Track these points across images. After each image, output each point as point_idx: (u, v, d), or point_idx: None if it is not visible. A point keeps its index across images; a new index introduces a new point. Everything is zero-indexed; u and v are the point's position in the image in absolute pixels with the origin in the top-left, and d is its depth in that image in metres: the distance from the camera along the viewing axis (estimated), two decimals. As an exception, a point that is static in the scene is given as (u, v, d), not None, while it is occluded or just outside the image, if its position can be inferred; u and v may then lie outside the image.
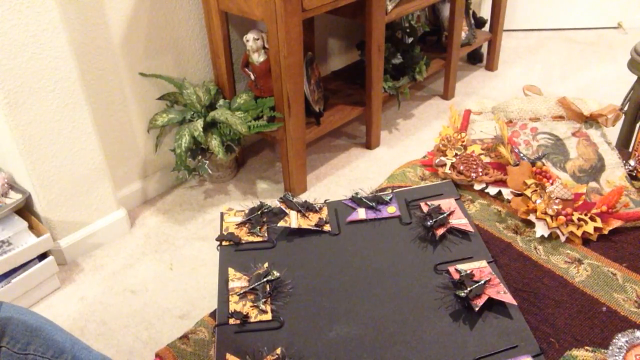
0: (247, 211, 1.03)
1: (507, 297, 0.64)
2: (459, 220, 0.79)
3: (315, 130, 1.82)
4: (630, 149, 1.26)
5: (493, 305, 0.65)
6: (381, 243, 0.84)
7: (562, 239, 0.76)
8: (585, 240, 0.77)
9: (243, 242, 0.96)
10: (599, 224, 0.76)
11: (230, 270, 0.89)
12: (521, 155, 0.88)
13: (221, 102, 1.75)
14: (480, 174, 0.87)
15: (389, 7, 1.87)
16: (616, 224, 0.77)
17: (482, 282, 0.66)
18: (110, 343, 1.32)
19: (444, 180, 0.90)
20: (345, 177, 1.93)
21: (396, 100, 2.14)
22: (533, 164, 0.85)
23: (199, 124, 1.61)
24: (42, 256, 1.46)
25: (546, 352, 0.61)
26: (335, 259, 0.86)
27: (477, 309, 0.64)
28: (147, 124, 1.72)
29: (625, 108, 1.39)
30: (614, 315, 0.65)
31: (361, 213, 0.92)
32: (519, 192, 0.82)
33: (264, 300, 0.83)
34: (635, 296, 0.67)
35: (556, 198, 0.79)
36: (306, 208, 0.99)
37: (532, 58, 2.83)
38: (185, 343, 0.82)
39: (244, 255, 0.93)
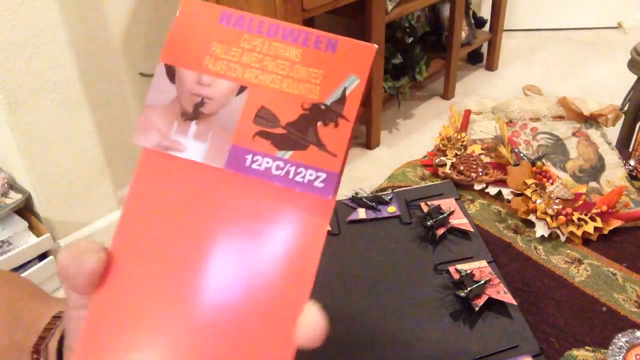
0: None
1: (507, 297, 0.64)
2: (459, 220, 0.79)
3: (315, 130, 1.82)
4: (630, 149, 1.26)
5: (493, 305, 0.65)
6: (381, 243, 0.84)
7: (562, 239, 0.76)
8: (586, 240, 0.76)
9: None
10: (599, 224, 0.76)
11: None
12: (521, 155, 0.88)
13: (221, 102, 1.75)
14: (481, 174, 0.87)
15: (389, 7, 1.87)
16: (616, 224, 0.77)
17: (482, 282, 0.65)
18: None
19: (444, 180, 0.89)
20: (345, 177, 1.91)
21: (396, 100, 2.14)
22: (533, 164, 0.85)
23: (199, 124, 1.61)
24: (42, 256, 1.46)
25: (546, 352, 0.61)
26: (334, 259, 0.86)
27: (477, 309, 0.64)
28: (147, 124, 1.73)
29: (625, 108, 1.39)
30: (614, 315, 0.65)
31: (361, 213, 0.92)
32: (519, 192, 0.82)
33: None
34: (635, 296, 0.67)
35: (556, 198, 0.79)
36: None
37: (532, 58, 2.83)
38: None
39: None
